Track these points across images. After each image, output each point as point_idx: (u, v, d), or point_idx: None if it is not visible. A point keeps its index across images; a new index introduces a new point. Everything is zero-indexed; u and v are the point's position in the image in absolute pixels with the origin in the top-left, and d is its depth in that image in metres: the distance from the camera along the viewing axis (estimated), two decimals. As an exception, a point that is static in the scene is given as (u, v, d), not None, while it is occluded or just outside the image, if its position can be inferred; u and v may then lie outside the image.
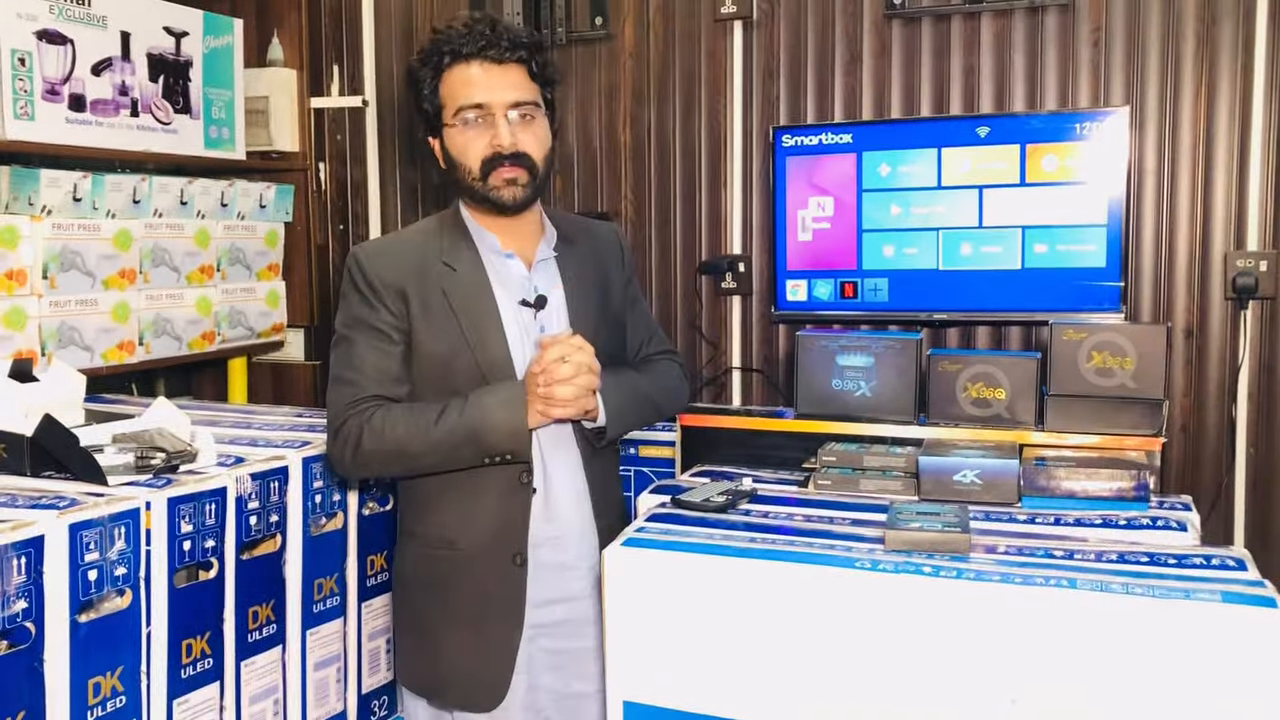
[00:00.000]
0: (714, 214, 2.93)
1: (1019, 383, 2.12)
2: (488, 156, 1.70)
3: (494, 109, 1.69)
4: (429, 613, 1.76)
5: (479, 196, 1.73)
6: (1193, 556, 1.44)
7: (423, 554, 1.77)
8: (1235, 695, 1.24)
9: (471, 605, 1.73)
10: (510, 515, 1.72)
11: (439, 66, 1.72)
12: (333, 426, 1.71)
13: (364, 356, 1.70)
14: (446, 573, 1.74)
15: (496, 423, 1.64)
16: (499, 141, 1.69)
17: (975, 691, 1.34)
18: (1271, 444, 2.54)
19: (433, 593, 1.75)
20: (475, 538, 1.72)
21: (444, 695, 1.76)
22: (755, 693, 1.45)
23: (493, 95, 1.69)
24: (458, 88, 1.70)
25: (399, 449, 1.66)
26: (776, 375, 2.88)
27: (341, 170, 3.27)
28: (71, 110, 2.45)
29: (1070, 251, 2.50)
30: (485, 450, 1.65)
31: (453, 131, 1.72)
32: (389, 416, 1.66)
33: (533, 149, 1.72)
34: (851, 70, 2.78)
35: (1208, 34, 2.51)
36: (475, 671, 1.72)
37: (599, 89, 3.00)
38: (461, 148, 1.71)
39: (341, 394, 1.70)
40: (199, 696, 1.70)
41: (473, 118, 1.70)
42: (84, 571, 1.49)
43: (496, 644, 1.72)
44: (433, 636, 1.76)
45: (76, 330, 2.43)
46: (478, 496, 1.72)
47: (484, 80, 1.70)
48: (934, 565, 1.40)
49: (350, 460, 1.69)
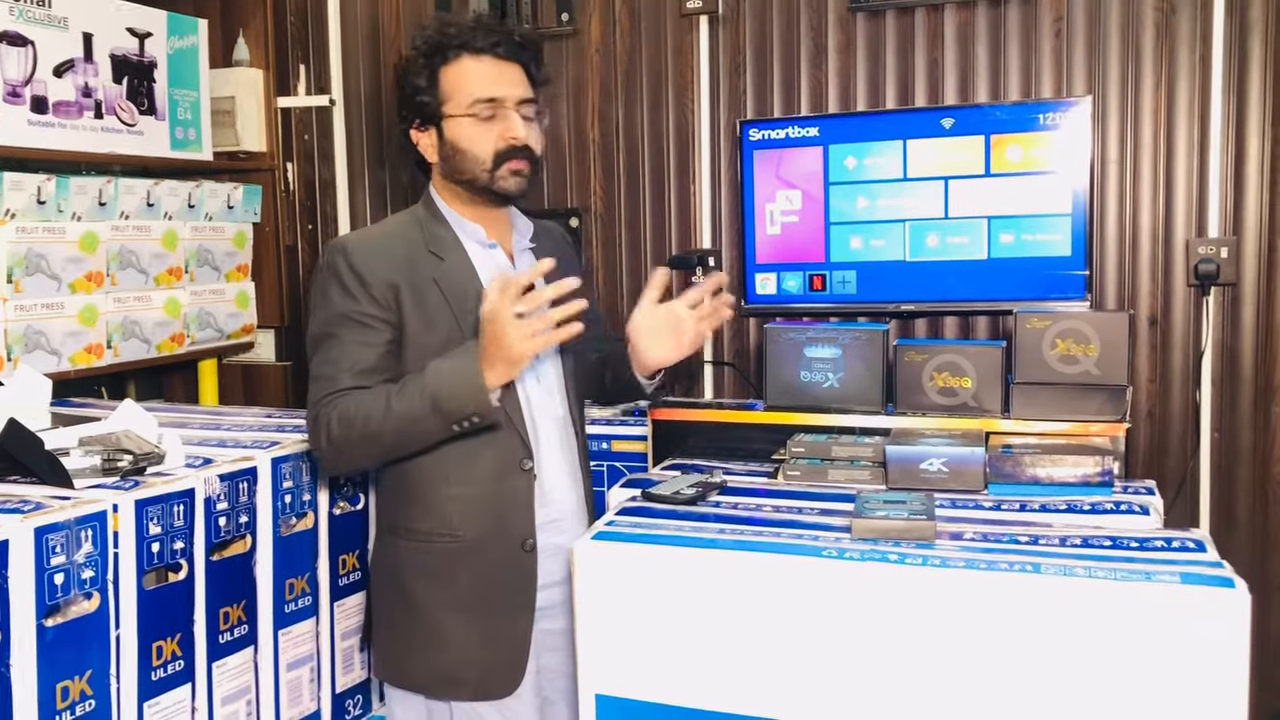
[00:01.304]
0: (683, 208, 2.94)
1: (984, 371, 2.14)
2: (501, 149, 1.74)
3: (507, 103, 1.74)
4: (431, 606, 1.76)
5: (481, 187, 1.76)
6: (1154, 539, 1.46)
7: (420, 548, 1.76)
8: (1196, 673, 1.26)
9: (480, 594, 1.74)
10: (511, 501, 1.74)
11: (444, 58, 1.75)
12: (309, 418, 1.72)
13: (344, 350, 1.71)
14: (449, 564, 1.74)
15: (453, 383, 1.61)
16: (514, 135, 1.74)
17: (942, 676, 1.36)
18: (1235, 428, 2.57)
19: (434, 586, 1.75)
20: (478, 526, 1.74)
21: (453, 688, 1.75)
22: (726, 683, 1.46)
23: (508, 90, 1.75)
24: (471, 80, 1.74)
25: (365, 430, 1.66)
26: (747, 368, 2.90)
27: (310, 170, 3.26)
28: (34, 112, 2.43)
29: (1035, 241, 2.52)
30: (448, 416, 1.62)
31: (464, 122, 1.74)
32: (355, 401, 1.67)
33: (536, 146, 1.79)
34: (817, 64, 2.79)
35: (1167, 24, 2.54)
36: (489, 659, 1.73)
37: (566, 85, 3.00)
38: (474, 138, 1.74)
39: (317, 389, 1.71)
40: (170, 698, 1.69)
41: (486, 111, 1.73)
42: (50, 575, 1.48)
43: (510, 630, 1.74)
44: (439, 630, 1.75)
45: (43, 334, 2.41)
46: (475, 485, 1.73)
47: (497, 75, 1.75)
48: (900, 553, 1.41)
49: (328, 450, 1.70)
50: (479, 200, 1.78)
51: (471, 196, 1.78)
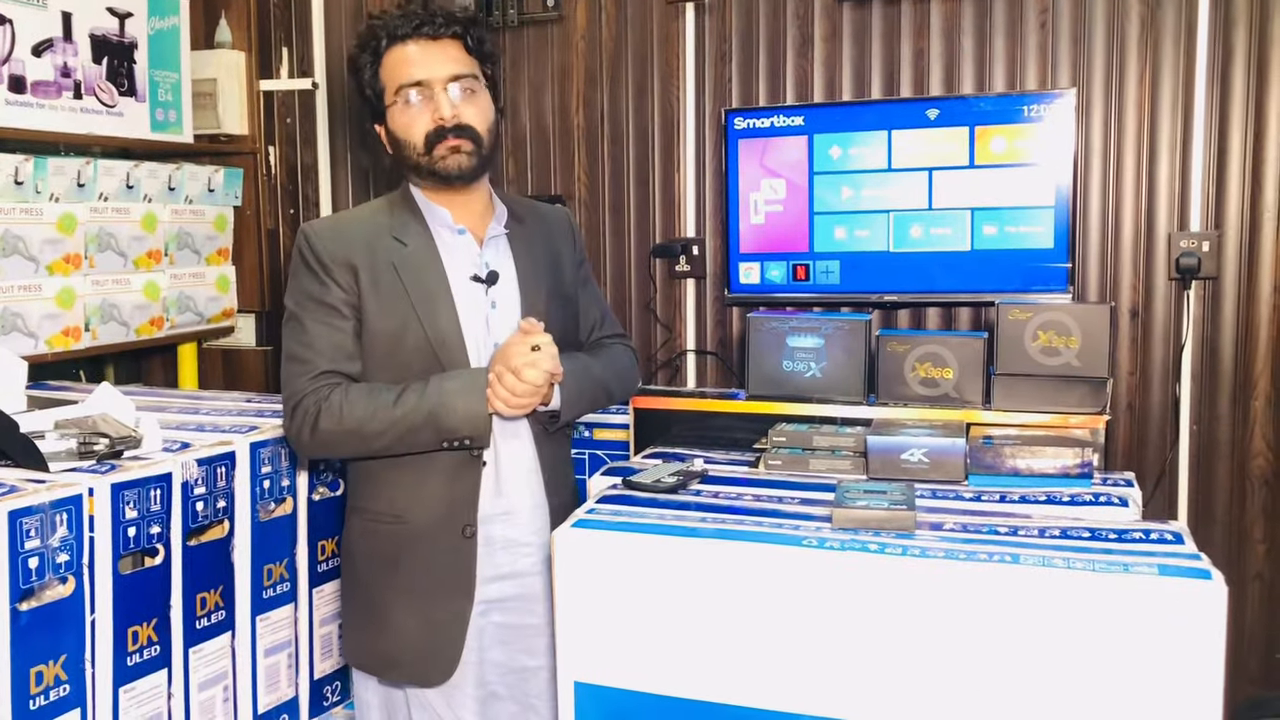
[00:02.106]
0: (667, 197, 2.93)
1: (966, 362, 2.15)
2: (431, 130, 1.70)
3: (433, 84, 1.71)
4: (377, 588, 1.76)
5: (424, 171, 1.73)
6: (1132, 531, 1.46)
7: (370, 529, 1.77)
8: (1173, 663, 1.26)
9: (421, 579, 1.73)
10: (460, 489, 1.73)
11: (377, 51, 1.73)
12: (289, 405, 1.71)
13: (316, 333, 1.70)
14: (395, 547, 1.74)
15: (456, 407, 1.65)
16: (440, 114, 1.70)
17: (921, 666, 1.36)
18: (1214, 421, 2.59)
19: (381, 567, 1.75)
20: (424, 512, 1.73)
21: (394, 670, 1.75)
22: (705, 671, 1.46)
23: (431, 71, 1.70)
24: (397, 68, 1.72)
25: (356, 429, 1.66)
26: (730, 358, 2.89)
27: (291, 153, 3.23)
28: (11, 92, 2.40)
29: (1018, 233, 2.53)
30: (444, 434, 1.66)
31: (395, 110, 1.72)
32: (347, 397, 1.66)
33: (476, 121, 1.73)
34: (803, 53, 2.78)
35: (1152, 18, 2.54)
36: (426, 646, 1.72)
37: (551, 71, 2.99)
38: (405, 125, 1.72)
39: (295, 371, 1.70)
40: (146, 684, 1.68)
41: (414, 96, 1.71)
42: (24, 559, 1.47)
43: (447, 618, 1.72)
44: (381, 611, 1.75)
45: (20, 316, 2.39)
46: (428, 471, 1.72)
47: (421, 57, 1.71)
48: (880, 543, 1.41)
49: (309, 439, 1.69)
50: (434, 185, 1.76)
51: (427, 181, 1.76)
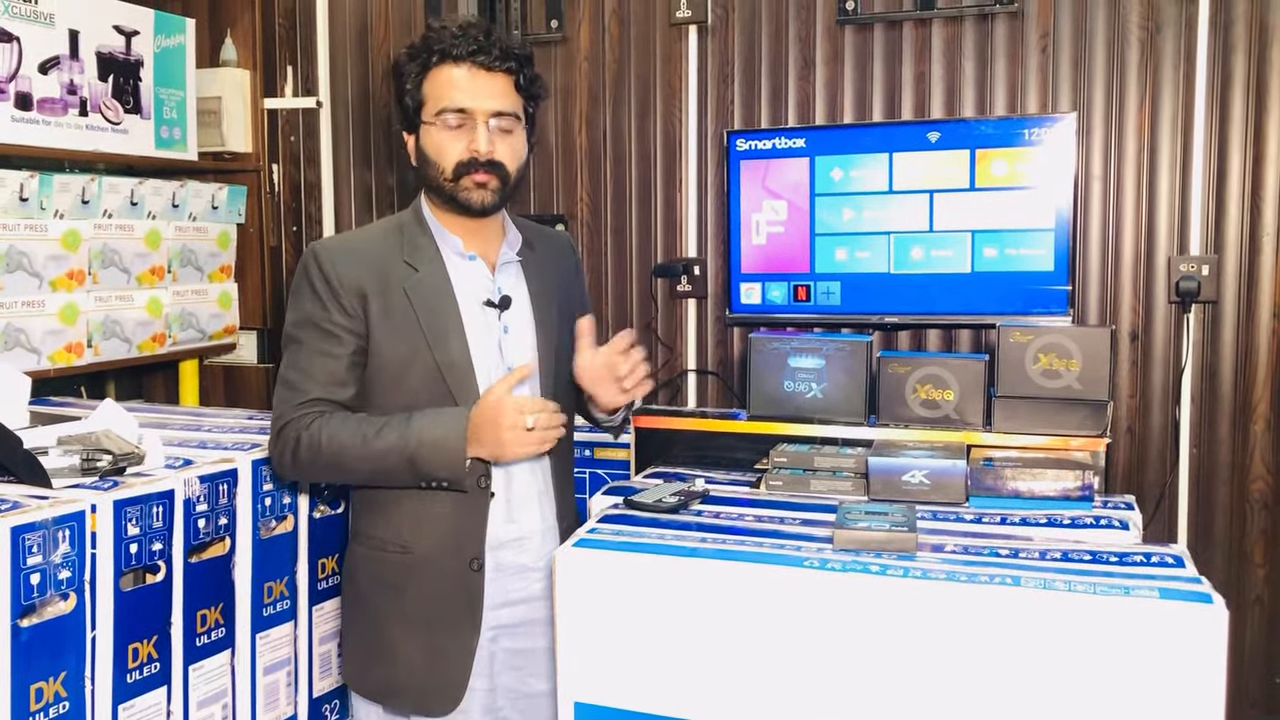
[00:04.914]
0: (669, 217, 2.95)
1: (967, 384, 2.15)
2: (463, 160, 1.70)
3: (476, 115, 1.69)
4: (381, 616, 1.75)
5: (446, 195, 1.73)
6: (1133, 554, 1.46)
7: (375, 557, 1.76)
8: (1174, 687, 1.27)
9: (426, 609, 1.72)
10: (467, 520, 1.72)
11: (426, 64, 1.71)
12: (274, 428, 1.71)
13: (310, 359, 1.70)
14: (400, 576, 1.73)
15: (433, 453, 1.63)
16: (476, 147, 1.69)
17: (922, 688, 1.36)
18: (1213, 445, 2.59)
19: (385, 596, 1.75)
20: (429, 542, 1.72)
21: (399, 699, 1.75)
22: (706, 692, 1.46)
23: (477, 101, 1.69)
24: (443, 88, 1.70)
25: (334, 460, 1.66)
26: (731, 378, 2.90)
27: (295, 172, 3.25)
28: (18, 109, 2.41)
29: (1019, 255, 2.54)
30: (420, 475, 1.66)
31: (431, 129, 1.71)
32: (328, 426, 1.66)
33: (507, 159, 1.72)
34: (805, 75, 2.80)
35: (1152, 43, 2.56)
36: (430, 676, 1.71)
37: (555, 91, 3.00)
38: (438, 147, 1.71)
39: (285, 396, 1.70)
40: (145, 701, 1.68)
41: (453, 120, 1.70)
42: (26, 575, 1.47)
43: (453, 648, 1.71)
44: (386, 640, 1.74)
45: (23, 332, 2.39)
46: (433, 500, 1.71)
47: (469, 85, 1.69)
48: (881, 564, 1.41)
49: (289, 465, 1.70)
50: (453, 210, 1.75)
51: (446, 205, 1.76)
